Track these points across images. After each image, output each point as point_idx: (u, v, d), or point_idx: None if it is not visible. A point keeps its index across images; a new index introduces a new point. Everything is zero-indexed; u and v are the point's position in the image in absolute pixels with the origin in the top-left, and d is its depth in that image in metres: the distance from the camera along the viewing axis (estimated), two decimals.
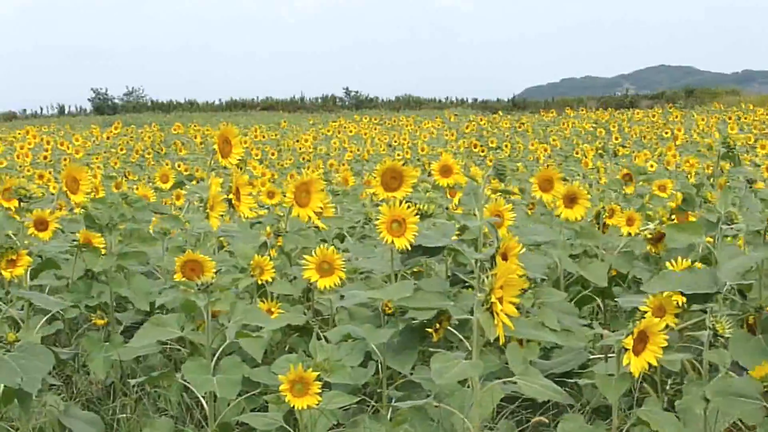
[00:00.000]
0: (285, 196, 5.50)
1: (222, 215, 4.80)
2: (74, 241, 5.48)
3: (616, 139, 25.31)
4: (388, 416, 4.12)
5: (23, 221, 4.75)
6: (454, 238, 4.54)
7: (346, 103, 63.84)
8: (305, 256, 4.73)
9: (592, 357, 4.48)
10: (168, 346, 5.05)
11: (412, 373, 4.30)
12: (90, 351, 5.18)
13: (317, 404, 3.58)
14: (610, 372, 3.65)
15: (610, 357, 3.80)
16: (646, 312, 3.98)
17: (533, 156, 22.37)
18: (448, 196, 6.67)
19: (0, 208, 4.68)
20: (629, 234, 5.78)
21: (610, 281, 5.56)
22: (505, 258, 3.65)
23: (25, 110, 61.76)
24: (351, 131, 33.08)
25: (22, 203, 4.49)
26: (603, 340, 3.73)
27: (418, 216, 4.35)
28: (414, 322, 4.38)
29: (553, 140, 26.19)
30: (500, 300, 3.37)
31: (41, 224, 5.03)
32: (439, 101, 63.16)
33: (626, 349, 3.46)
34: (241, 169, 4.87)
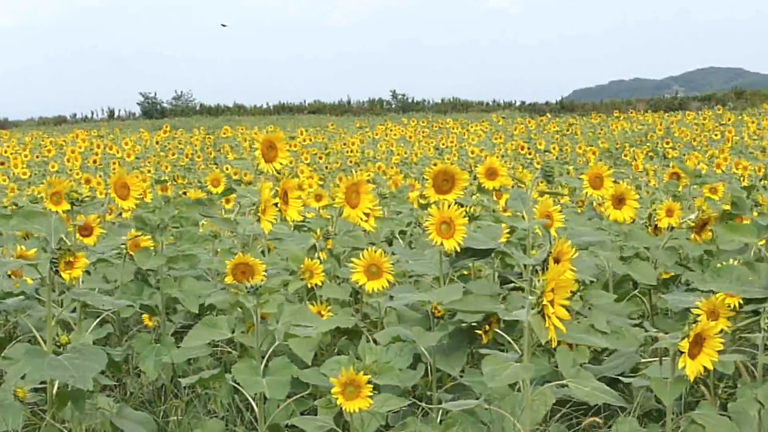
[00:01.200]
0: (333, 199, 5.51)
1: (273, 220, 4.82)
2: (122, 244, 5.52)
3: (666, 142, 25.11)
4: (438, 419, 4.11)
5: (74, 225, 4.79)
6: (503, 240, 4.52)
7: (393, 106, 63.74)
8: (353, 259, 4.73)
9: (643, 360, 4.44)
10: (218, 348, 5.07)
11: (461, 376, 4.29)
12: (141, 353, 5.22)
13: (368, 407, 3.57)
14: (665, 375, 3.61)
15: (664, 359, 3.76)
16: (699, 315, 3.93)
17: (582, 159, 22.25)
18: (494, 199, 6.64)
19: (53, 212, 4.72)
20: (670, 227, 5.66)
21: (660, 282, 5.51)
22: (557, 261, 3.63)
23: (75, 114, 62.34)
24: (398, 134, 33.09)
25: (73, 206, 4.52)
26: (657, 343, 3.68)
27: (466, 218, 4.34)
28: (463, 324, 4.37)
29: (602, 143, 26.05)
30: (552, 303, 3.35)
31: (86, 230, 5.08)
32: (486, 104, 62.87)
33: (682, 353, 3.43)
34: (280, 173, 4.88)
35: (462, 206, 4.45)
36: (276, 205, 4.73)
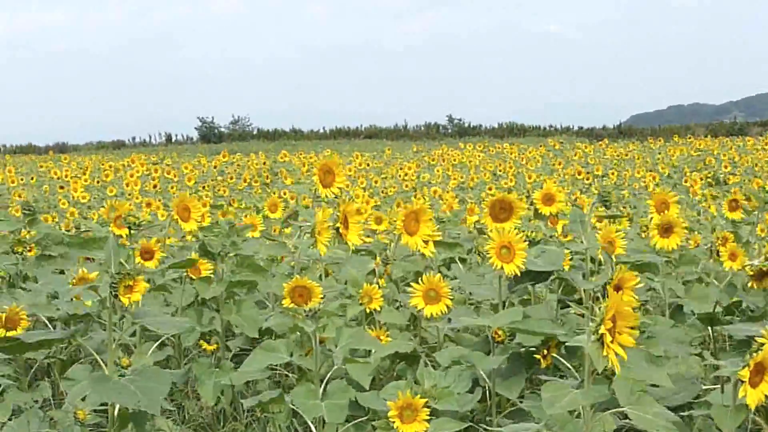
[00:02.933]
0: (391, 223, 5.51)
1: (328, 242, 4.83)
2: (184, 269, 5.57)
3: (725, 167, 24.85)
4: None
5: (134, 248, 4.85)
6: (565, 264, 4.51)
7: (449, 130, 63.78)
8: (412, 284, 4.74)
9: (705, 387, 4.39)
10: (276, 371, 5.10)
11: (521, 401, 4.28)
12: (200, 376, 5.25)
13: (425, 431, 3.57)
14: (725, 403, 3.58)
15: (725, 388, 3.72)
16: (762, 344, 3.88)
17: (639, 184, 22.09)
18: (550, 225, 6.62)
19: (112, 235, 4.78)
20: (731, 269, 5.63)
21: (721, 310, 5.45)
22: (618, 288, 3.61)
23: (133, 138, 63.14)
24: (455, 159, 33.08)
25: (132, 230, 4.58)
26: (717, 371, 3.65)
27: (526, 242, 4.34)
28: (522, 348, 4.36)
29: (662, 168, 25.84)
30: (610, 331, 3.33)
31: (147, 253, 5.14)
32: (543, 129, 62.69)
33: (742, 381, 3.39)
34: (339, 198, 4.90)
35: (522, 231, 4.45)
36: (337, 229, 4.75)
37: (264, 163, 32.59)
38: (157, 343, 5.21)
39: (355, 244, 4.94)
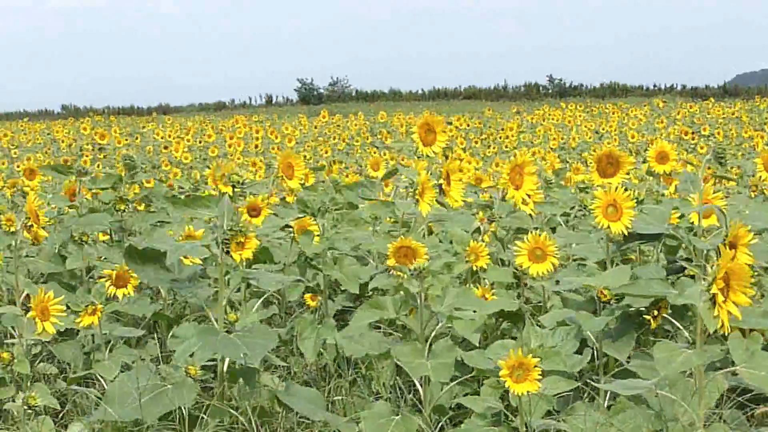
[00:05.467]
0: (494, 181, 5.45)
1: (431, 202, 4.80)
2: (287, 226, 5.59)
3: None
4: (605, 404, 4.04)
5: (238, 207, 4.88)
6: (672, 223, 4.41)
7: (550, 90, 63.10)
8: (517, 242, 4.69)
9: None
10: (380, 329, 5.10)
11: (628, 361, 4.21)
12: (302, 332, 5.29)
13: (537, 390, 3.53)
14: None
15: None
16: None
17: (748, 144, 21.60)
18: (663, 183, 6.50)
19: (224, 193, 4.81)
20: None
21: None
22: (732, 247, 3.51)
23: (233, 100, 63.80)
24: (556, 119, 32.71)
25: (236, 189, 4.60)
26: None
27: (633, 201, 4.25)
28: (630, 309, 4.29)
29: None
30: (722, 291, 3.25)
31: (254, 210, 5.17)
32: (646, 88, 61.58)
33: None
34: (446, 157, 4.85)
35: (630, 189, 4.36)
36: (439, 186, 4.71)
37: (364, 124, 32.66)
38: (262, 299, 5.26)
39: (458, 201, 4.90)
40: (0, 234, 5.12)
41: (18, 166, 17.29)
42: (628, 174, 4.57)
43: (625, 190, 4.26)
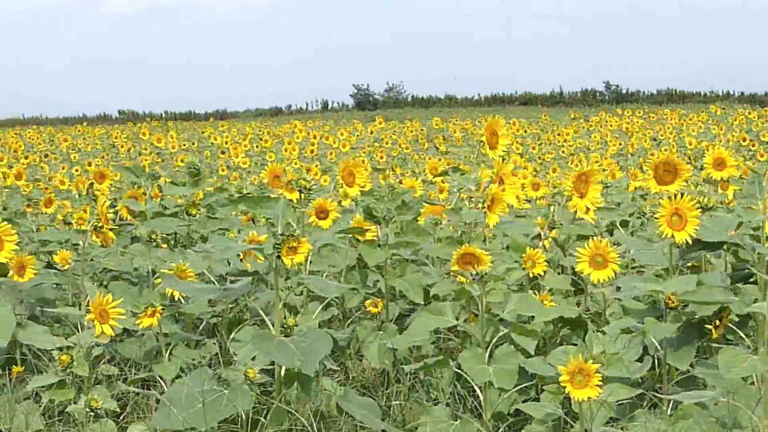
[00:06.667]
0: (554, 188, 5.45)
1: (502, 214, 4.80)
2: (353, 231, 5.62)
3: None
4: (668, 412, 4.03)
5: (303, 210, 4.92)
6: (733, 233, 4.39)
7: (606, 96, 62.68)
8: (578, 249, 4.68)
9: None
10: (440, 336, 5.11)
11: (689, 370, 4.19)
12: (365, 339, 5.31)
13: (597, 396, 3.53)
14: None
15: None
16: None
17: None
18: (720, 190, 6.45)
19: (283, 197, 4.86)
20: None
21: None
22: None
23: (290, 105, 64.06)
24: (613, 125, 32.51)
25: (301, 194, 4.65)
26: None
27: (699, 209, 4.23)
28: (693, 317, 4.27)
29: None
30: None
31: (322, 212, 5.22)
32: (704, 95, 60.98)
33: None
34: (504, 160, 4.86)
35: (694, 197, 4.34)
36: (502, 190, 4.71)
37: (421, 130, 32.67)
38: (323, 304, 5.29)
39: (512, 205, 4.89)
40: (71, 233, 5.20)
41: (76, 171, 17.52)
42: (686, 182, 4.54)
43: (691, 198, 4.24)
